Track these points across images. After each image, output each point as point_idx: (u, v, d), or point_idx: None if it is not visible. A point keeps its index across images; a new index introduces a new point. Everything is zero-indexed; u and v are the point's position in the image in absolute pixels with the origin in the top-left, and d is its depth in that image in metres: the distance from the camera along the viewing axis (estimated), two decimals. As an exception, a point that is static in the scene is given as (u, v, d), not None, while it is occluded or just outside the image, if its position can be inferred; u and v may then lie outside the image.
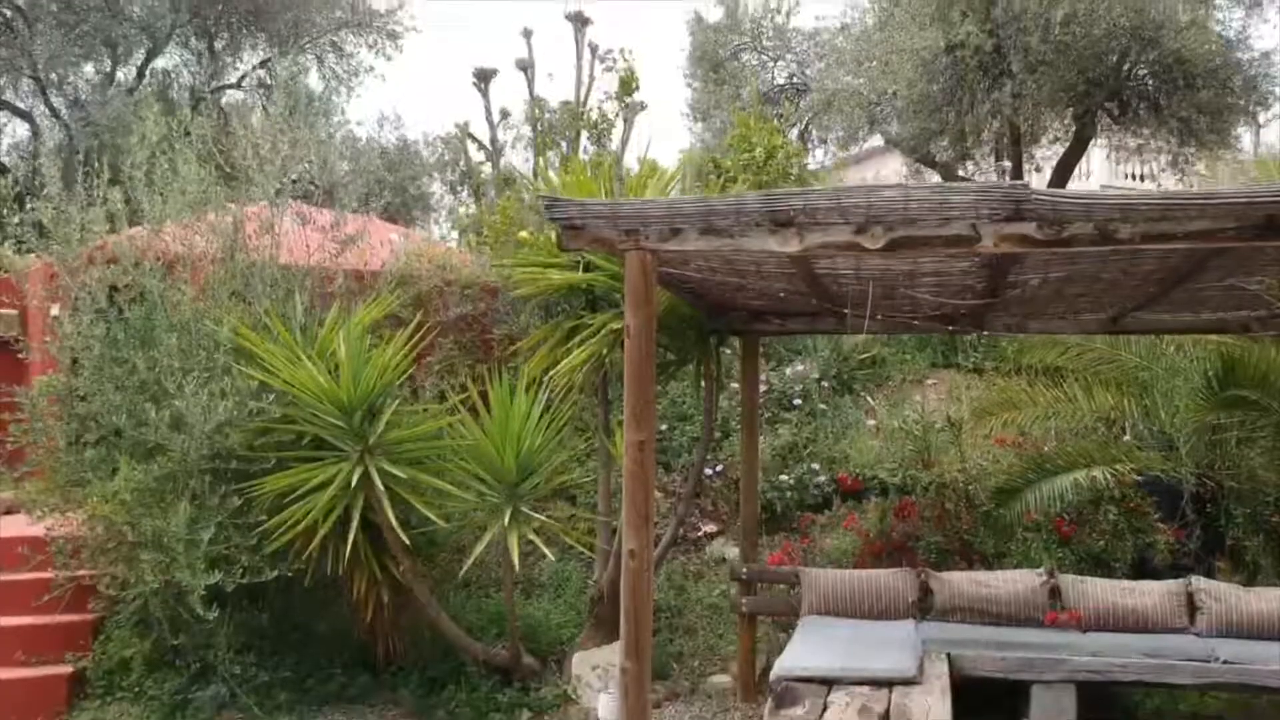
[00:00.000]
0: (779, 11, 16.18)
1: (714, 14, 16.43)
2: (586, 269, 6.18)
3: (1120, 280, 4.82)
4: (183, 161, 6.86)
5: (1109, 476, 6.51)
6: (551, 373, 5.90)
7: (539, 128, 39.47)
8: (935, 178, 15.21)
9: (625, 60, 9.62)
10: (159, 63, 14.49)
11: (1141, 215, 3.29)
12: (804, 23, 16.00)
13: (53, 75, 13.36)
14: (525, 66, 36.10)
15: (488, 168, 41.53)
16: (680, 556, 7.70)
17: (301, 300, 6.48)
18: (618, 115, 9.68)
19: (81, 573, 5.98)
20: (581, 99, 39.64)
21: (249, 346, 5.67)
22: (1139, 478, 6.66)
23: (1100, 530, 6.61)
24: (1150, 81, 12.46)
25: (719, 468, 8.13)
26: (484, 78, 41.73)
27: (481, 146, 41.97)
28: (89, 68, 13.80)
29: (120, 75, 14.18)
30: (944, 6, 11.83)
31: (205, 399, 5.28)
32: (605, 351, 5.92)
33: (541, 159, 10.33)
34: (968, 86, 11.90)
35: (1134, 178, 20.88)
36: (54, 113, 13.76)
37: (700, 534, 7.93)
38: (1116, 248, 3.45)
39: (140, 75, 14.32)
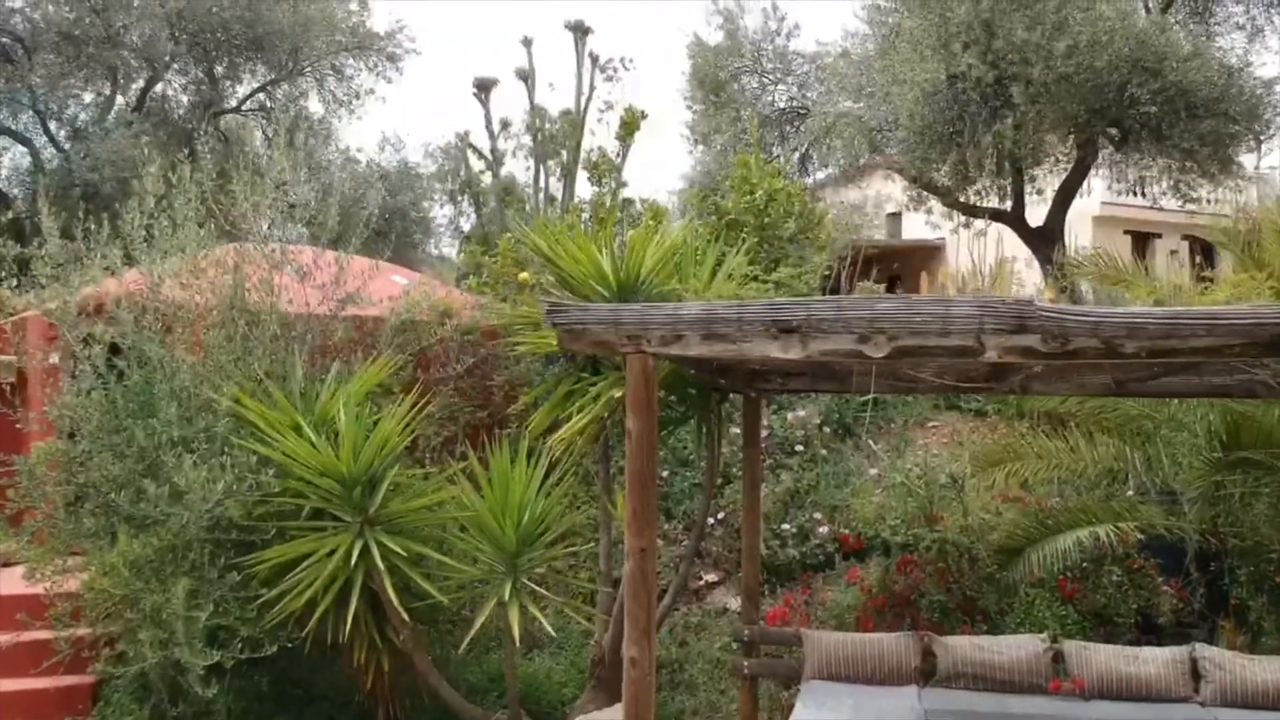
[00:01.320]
0: (779, 34, 16.16)
1: (714, 36, 16.42)
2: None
3: (1123, 363, 4.80)
4: (182, 217, 6.84)
5: (1112, 535, 6.48)
6: (551, 440, 5.87)
7: (539, 138, 39.44)
8: (935, 202, 15.21)
9: (631, 110, 9.55)
10: (159, 88, 14.47)
11: (1148, 334, 3.27)
12: (804, 45, 15.95)
13: (52, 104, 13.34)
14: (525, 76, 36.05)
15: (488, 177, 41.43)
16: (681, 607, 7.67)
17: (302, 359, 6.46)
18: (619, 155, 9.70)
19: (82, 632, 5.96)
20: (582, 108, 39.37)
21: (248, 416, 5.65)
22: (1141, 536, 6.63)
23: (1103, 589, 6.58)
24: (1152, 110, 12.46)
25: (720, 515, 8.11)
26: (484, 87, 41.64)
27: (481, 156, 41.78)
28: (88, 96, 13.80)
29: (121, 99, 14.16)
30: (945, 37, 11.81)
31: (205, 473, 5.26)
32: (606, 415, 5.90)
33: (539, 211, 10.24)
34: (970, 118, 11.89)
35: (1134, 192, 20.91)
36: (53, 141, 13.74)
37: (701, 583, 7.91)
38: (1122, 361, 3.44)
39: (140, 102, 14.30)
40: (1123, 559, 6.60)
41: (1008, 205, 14.71)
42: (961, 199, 13.93)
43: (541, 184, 41.10)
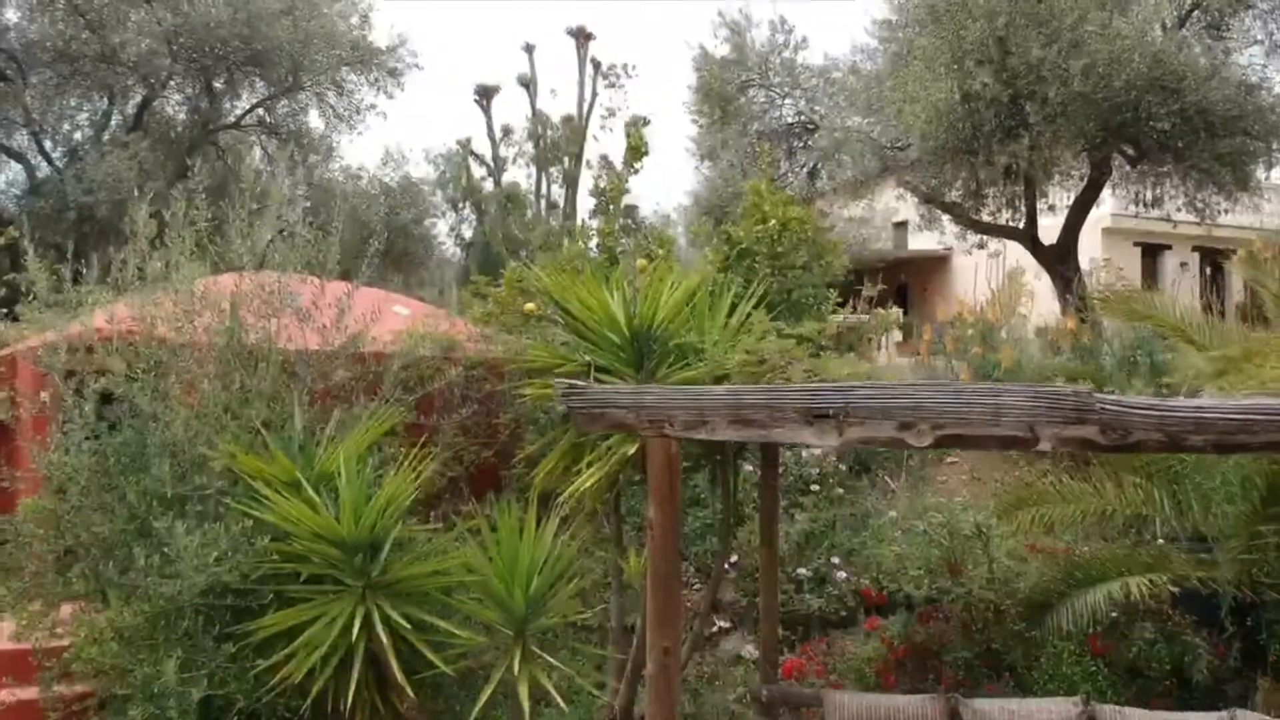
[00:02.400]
0: (786, 47, 15.90)
1: (720, 49, 16.15)
2: (597, 374, 5.91)
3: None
4: (176, 254, 6.58)
5: (1144, 587, 6.22)
6: (560, 497, 5.62)
7: (541, 144, 39.18)
8: (945, 218, 14.94)
9: (638, 132, 9.27)
10: (156, 105, 14.20)
11: (1216, 429, 3.01)
12: (813, 57, 15.68)
13: (47, 122, 13.09)
14: (527, 82, 35.79)
15: (489, 184, 41.02)
16: (693, 655, 7.41)
17: (301, 404, 6.21)
18: (625, 180, 9.40)
19: (70, 692, 5.71)
20: (584, 115, 39.05)
21: (245, 475, 5.39)
22: (1175, 589, 6.37)
23: (1134, 643, 6.33)
24: (1170, 129, 12.20)
25: (733, 559, 7.85)
26: (486, 94, 41.29)
27: (483, 163, 41.20)
28: (83, 115, 13.54)
29: (118, 116, 13.91)
30: (959, 54, 11.55)
31: (199, 538, 5.00)
32: (618, 469, 5.65)
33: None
34: (984, 137, 11.64)
35: (1144, 204, 20.62)
36: (48, 159, 13.49)
37: (715, 629, 7.65)
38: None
39: (138, 119, 14.05)
40: (1156, 615, 6.34)
41: (1019, 222, 14.46)
42: (974, 217, 13.66)
43: (543, 190, 40.90)
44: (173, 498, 5.36)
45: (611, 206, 9.35)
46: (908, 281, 26.78)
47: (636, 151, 9.29)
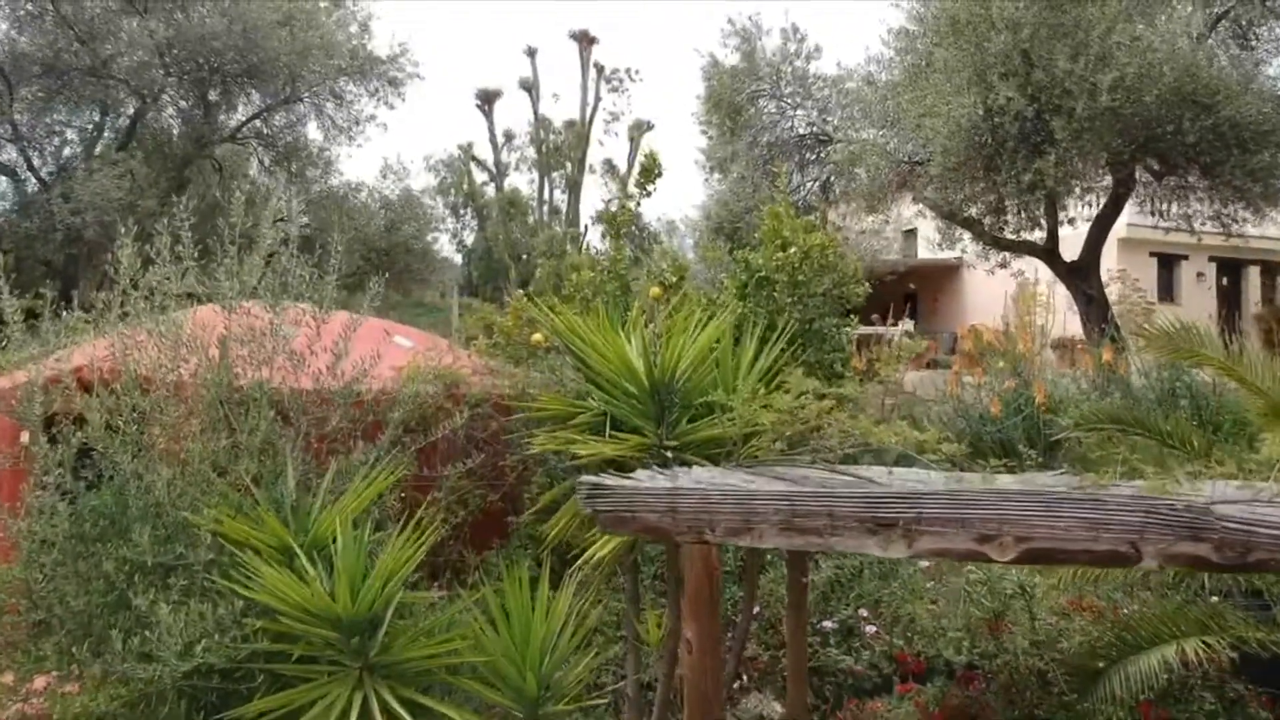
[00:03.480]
0: (798, 56, 15.45)
1: (730, 58, 15.71)
2: (613, 427, 5.47)
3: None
4: (161, 296, 6.14)
5: (1200, 652, 5.78)
6: (575, 566, 5.19)
7: (543, 149, 38.72)
8: (963, 233, 14.51)
9: (651, 155, 8.82)
10: (149, 118, 13.76)
11: (1359, 551, 2.58)
12: (826, 67, 15.24)
13: (36, 138, 12.66)
14: (529, 86, 35.28)
15: (491, 189, 40.50)
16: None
17: (293, 457, 5.77)
18: (638, 203, 8.97)
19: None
20: (587, 119, 38.64)
21: (233, 538, 4.95)
22: (1234, 654, 5.92)
23: (1192, 714, 5.88)
24: (1198, 144, 11.77)
25: (755, 609, 7.40)
26: (488, 99, 40.74)
27: (485, 168, 40.77)
28: (72, 132, 13.11)
29: (110, 131, 13.47)
30: (981, 67, 11.11)
31: (183, 619, 4.56)
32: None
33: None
34: (1007, 153, 11.19)
35: (1162, 215, 20.19)
36: (37, 175, 13.05)
37: (736, 685, 7.20)
38: None
39: (130, 134, 13.60)
40: (1215, 684, 5.89)
41: (1037, 235, 14.02)
42: (995, 233, 13.21)
43: (545, 196, 40.41)
44: (154, 567, 4.93)
45: (623, 231, 8.93)
46: (917, 290, 26.33)
47: (649, 172, 8.85)
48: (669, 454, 5.06)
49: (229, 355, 6.11)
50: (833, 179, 14.71)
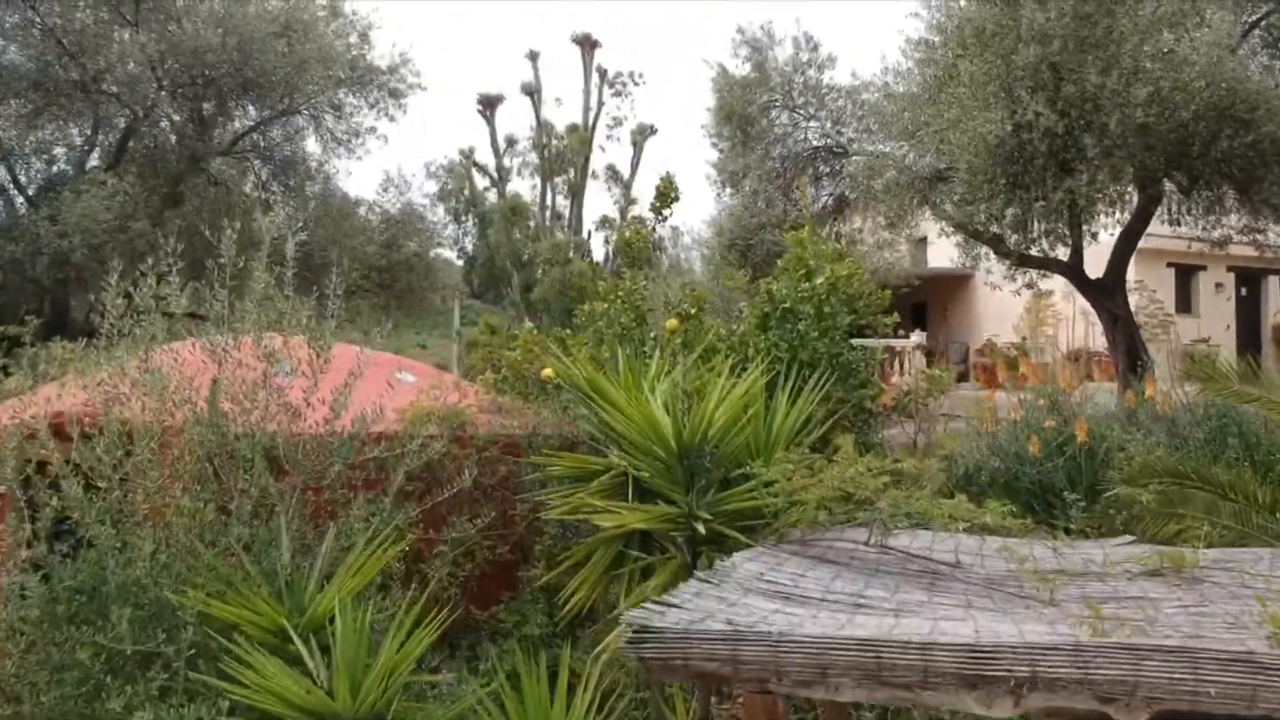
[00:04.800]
0: (810, 66, 14.97)
1: (741, 68, 15.23)
2: (642, 499, 5.01)
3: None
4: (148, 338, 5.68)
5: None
6: (599, 648, 4.73)
7: (546, 154, 38.14)
8: (984, 250, 14.03)
9: (667, 179, 8.39)
10: (141, 132, 13.28)
11: None
12: (840, 76, 14.76)
13: (23, 156, 12.19)
14: (531, 91, 34.69)
15: (493, 195, 39.89)
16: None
17: (288, 520, 5.31)
18: (653, 229, 8.56)
19: None
20: (590, 124, 38.02)
21: (221, 626, 4.50)
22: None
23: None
24: (1234, 160, 11.29)
25: None
26: (489, 103, 40.15)
27: (486, 173, 40.17)
28: (60, 150, 12.63)
29: (101, 148, 13.01)
30: (1008, 81, 10.63)
31: (162, 722, 4.10)
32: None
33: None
34: (1036, 171, 10.72)
35: (1173, 222, 19.75)
36: (24, 193, 12.58)
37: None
38: None
39: (120, 150, 13.12)
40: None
41: (1058, 252, 13.53)
42: (1022, 251, 12.71)
43: (548, 201, 39.86)
44: (133, 656, 4.47)
45: (640, 257, 8.48)
46: (927, 300, 25.85)
47: (665, 198, 8.45)
48: (700, 525, 4.61)
49: (219, 404, 5.66)
50: (849, 194, 14.23)
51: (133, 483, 5.14)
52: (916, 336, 23.92)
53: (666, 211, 8.46)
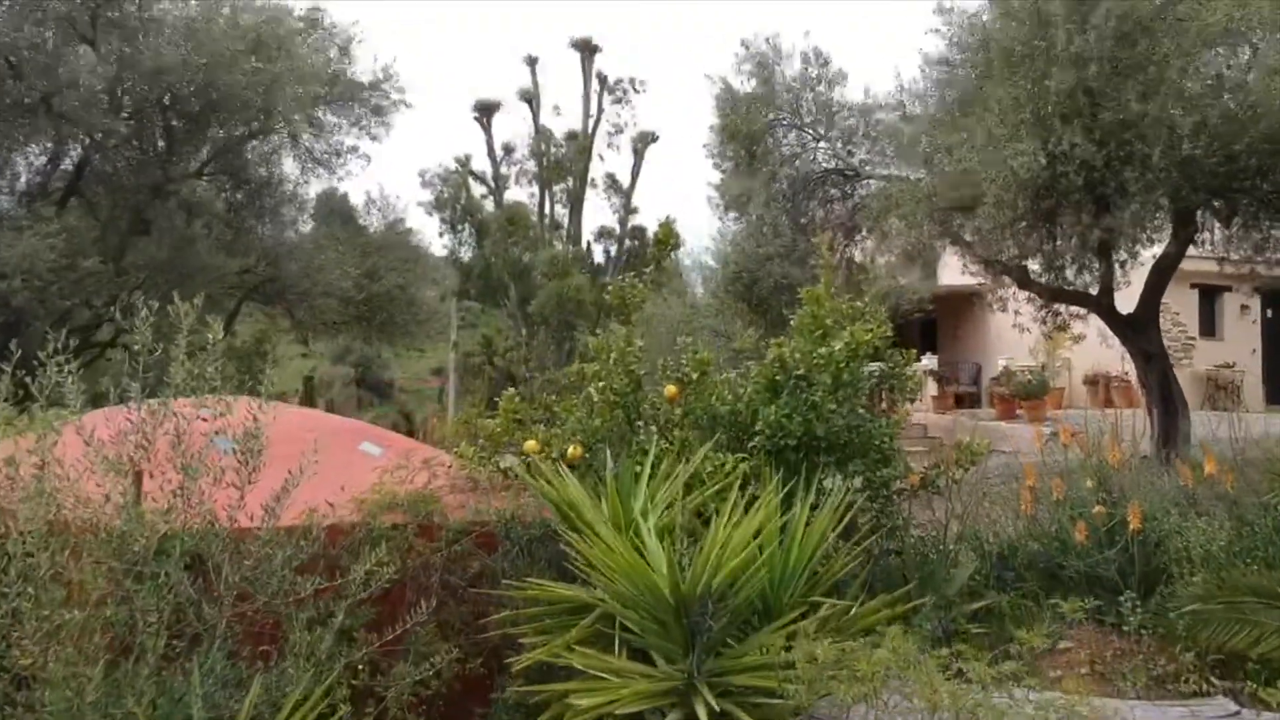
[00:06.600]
0: (819, 83, 14.01)
1: (746, 85, 14.26)
2: (631, 652, 4.09)
3: None
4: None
5: None
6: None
7: (544, 162, 37.05)
8: (1022, 294, 13.04)
9: (666, 225, 7.44)
10: (97, 160, 12.33)
11: None
12: (852, 94, 13.77)
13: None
14: (529, 97, 33.45)
15: (490, 203, 38.85)
16: None
17: (216, 653, 4.40)
18: (650, 280, 7.63)
19: None
20: (589, 131, 37.00)
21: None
22: None
23: None
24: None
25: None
26: (486, 110, 39.12)
27: (483, 182, 39.15)
28: (2, 182, 11.68)
29: (54, 174, 12.08)
30: (1041, 108, 9.70)
31: None
32: None
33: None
34: (1071, 207, 9.79)
35: (1201, 243, 18.76)
36: (-26, 224, 11.67)
37: None
38: None
39: (76, 179, 12.17)
40: None
41: (1084, 282, 12.59)
42: (1053, 285, 11.77)
43: (546, 210, 38.97)
44: None
45: (637, 308, 7.55)
46: (937, 318, 24.90)
47: (664, 244, 7.53)
48: (701, 709, 3.68)
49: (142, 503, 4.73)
50: (862, 224, 13.28)
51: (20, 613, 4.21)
52: (927, 360, 22.98)
53: (665, 262, 7.54)
